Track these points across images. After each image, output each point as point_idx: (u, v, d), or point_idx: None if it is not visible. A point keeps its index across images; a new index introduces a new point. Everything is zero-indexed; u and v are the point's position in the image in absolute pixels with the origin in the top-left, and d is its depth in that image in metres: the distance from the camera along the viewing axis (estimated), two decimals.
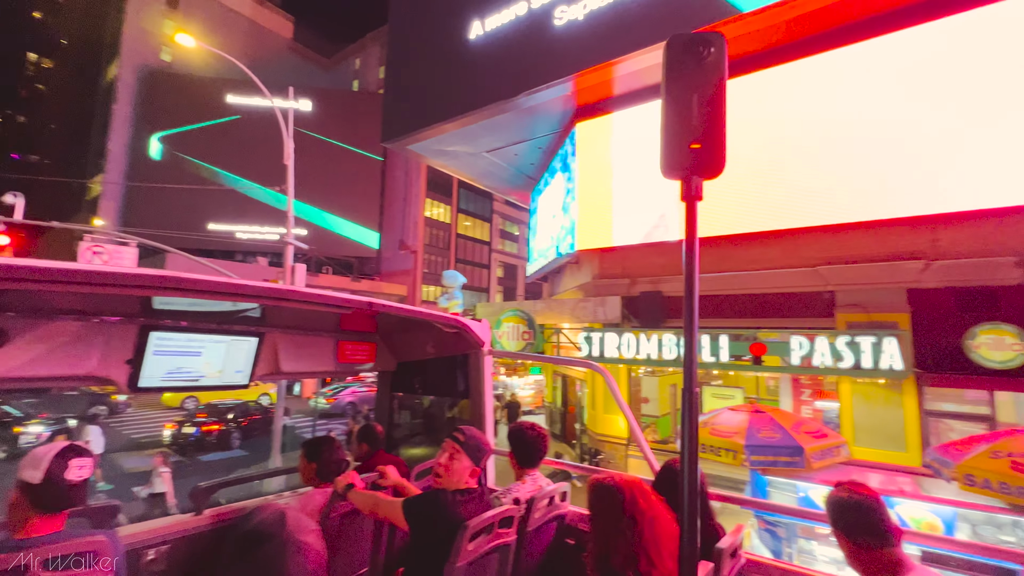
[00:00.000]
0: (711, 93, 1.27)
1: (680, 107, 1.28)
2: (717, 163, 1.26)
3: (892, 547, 1.72)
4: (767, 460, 4.94)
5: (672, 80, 1.30)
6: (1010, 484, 3.92)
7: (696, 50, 1.29)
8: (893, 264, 7.32)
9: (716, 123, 1.26)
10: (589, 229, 10.57)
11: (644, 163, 9.82)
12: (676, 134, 1.28)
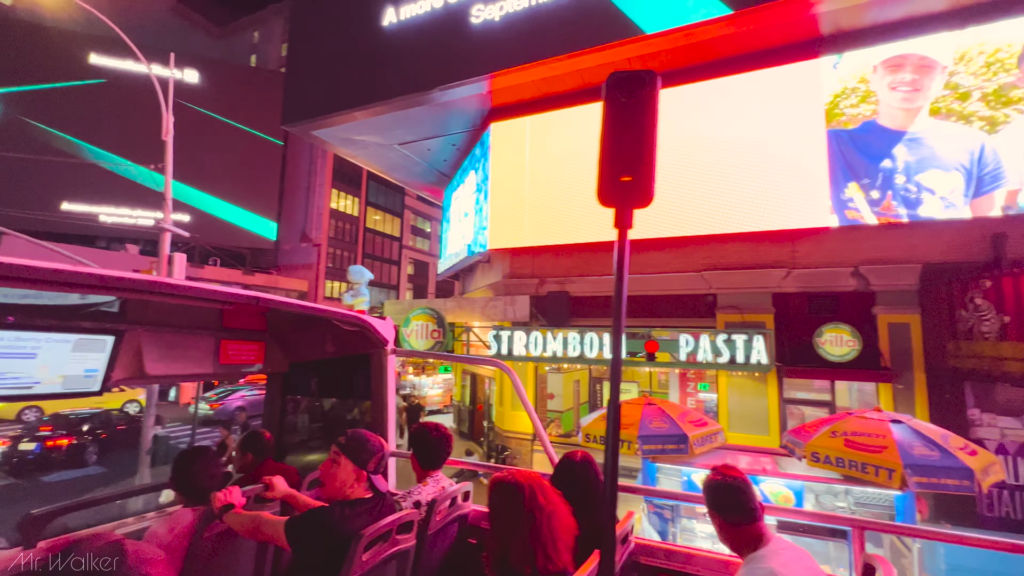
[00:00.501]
0: (643, 128, 1.34)
1: (613, 141, 1.35)
2: (646, 194, 1.34)
3: (756, 522, 1.94)
4: (657, 449, 5.37)
5: (607, 114, 1.37)
6: (844, 459, 4.66)
7: (630, 87, 1.35)
8: (763, 271, 8.35)
9: (647, 157, 1.33)
10: (501, 229, 10.70)
11: (557, 167, 10.17)
12: (609, 166, 1.35)
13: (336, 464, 1.85)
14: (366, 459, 1.90)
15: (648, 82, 1.35)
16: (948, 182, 7.34)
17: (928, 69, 7.63)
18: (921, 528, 2.13)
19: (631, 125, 1.35)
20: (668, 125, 9.22)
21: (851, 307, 7.90)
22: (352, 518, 1.73)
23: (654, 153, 1.34)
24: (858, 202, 7.77)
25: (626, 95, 1.35)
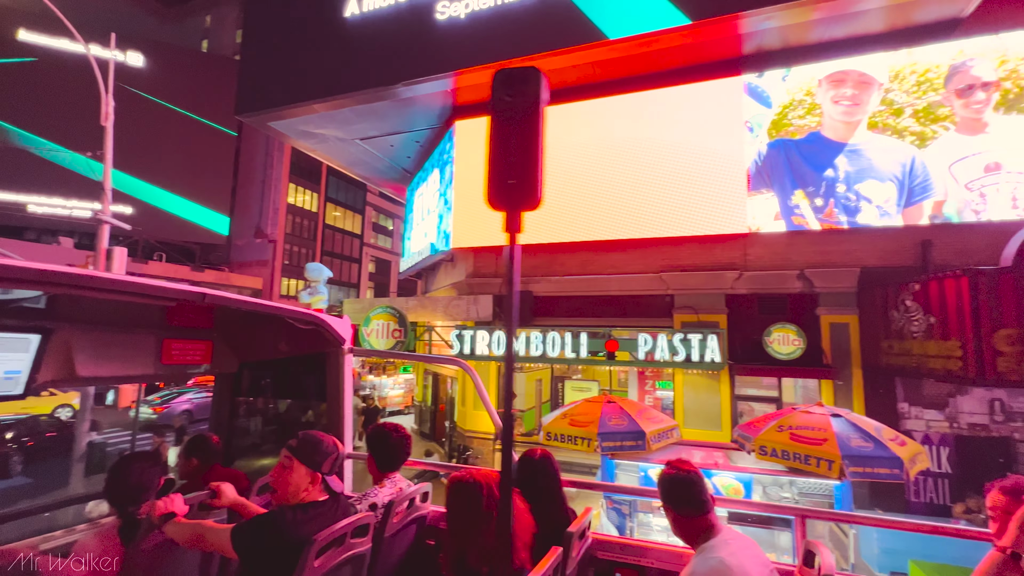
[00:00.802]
0: (529, 129, 1.29)
1: (499, 142, 1.30)
2: (532, 198, 1.30)
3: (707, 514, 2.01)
4: (616, 445, 5.48)
5: (493, 115, 1.31)
6: (789, 451, 4.92)
7: (515, 86, 1.30)
8: (716, 273, 8.69)
9: (532, 159, 1.29)
10: (465, 228, 10.64)
11: None
12: (496, 168, 1.30)
13: (288, 468, 1.78)
14: (320, 461, 1.84)
15: (533, 80, 1.30)
16: (883, 192, 7.89)
17: (867, 85, 8.17)
18: (856, 514, 2.28)
19: (517, 126, 1.31)
20: (624, 128, 9.46)
21: (797, 308, 8.34)
22: (305, 522, 1.67)
23: (540, 155, 1.30)
24: (804, 209, 8.23)
25: (511, 94, 1.30)
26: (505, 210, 1.33)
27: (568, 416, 5.93)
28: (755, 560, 1.89)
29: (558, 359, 9.02)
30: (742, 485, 5.39)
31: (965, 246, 7.47)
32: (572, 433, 5.73)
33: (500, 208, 1.33)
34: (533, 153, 1.29)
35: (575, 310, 9.77)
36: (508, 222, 1.33)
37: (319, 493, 1.83)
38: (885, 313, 7.17)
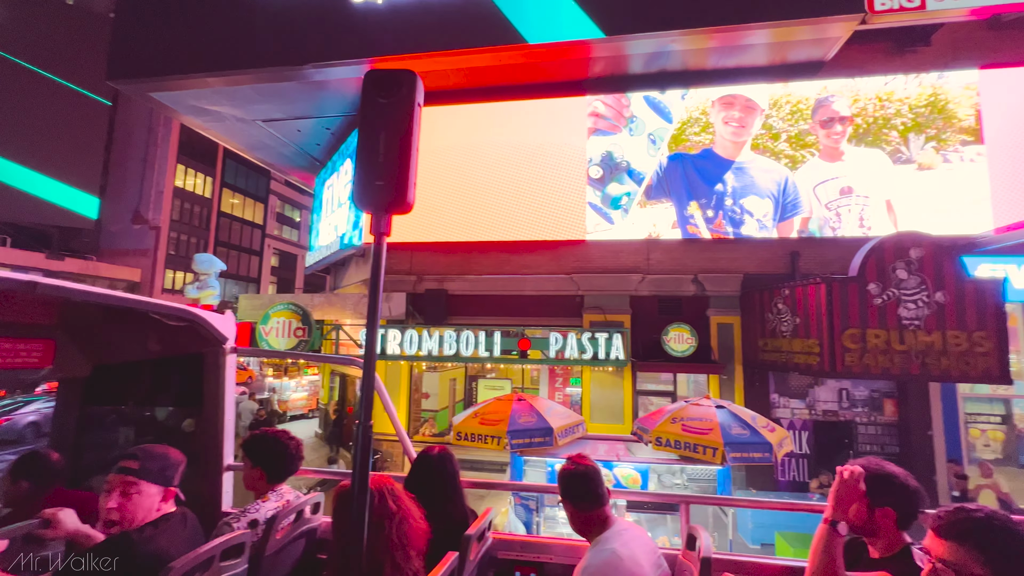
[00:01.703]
0: (400, 131, 1.26)
1: (368, 143, 1.27)
2: (402, 200, 1.26)
3: (602, 506, 2.08)
4: (524, 442, 5.58)
5: (363, 115, 1.29)
6: (681, 441, 5.34)
7: (388, 88, 1.27)
8: (622, 276, 9.21)
9: (403, 161, 1.26)
10: None
11: (439, 163, 10.03)
12: (363, 169, 1.28)
13: (131, 497, 1.54)
14: (172, 475, 1.63)
15: (408, 83, 1.28)
16: (762, 207, 8.89)
17: (751, 110, 9.15)
18: (730, 498, 2.51)
19: (388, 127, 1.27)
20: (522, 133, 9.71)
21: (691, 309, 9.11)
22: (157, 537, 1.47)
23: (411, 157, 1.28)
24: (697, 219, 9.02)
25: (384, 95, 1.28)
26: (371, 212, 1.27)
27: (479, 415, 5.92)
28: (645, 548, 2.00)
29: (472, 358, 8.99)
30: (640, 474, 5.75)
31: (825, 258, 8.65)
32: (482, 432, 5.73)
33: (366, 209, 1.28)
34: (404, 156, 1.25)
35: (490, 309, 9.82)
36: (374, 223, 1.28)
37: (169, 507, 1.62)
38: (762, 315, 8.07)
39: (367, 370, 1.19)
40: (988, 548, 1.20)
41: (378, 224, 1.27)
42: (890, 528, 1.83)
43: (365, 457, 1.13)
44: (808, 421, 8.55)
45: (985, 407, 8.71)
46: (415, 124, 1.27)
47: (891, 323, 6.26)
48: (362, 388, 1.20)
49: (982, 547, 1.20)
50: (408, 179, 1.26)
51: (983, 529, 1.23)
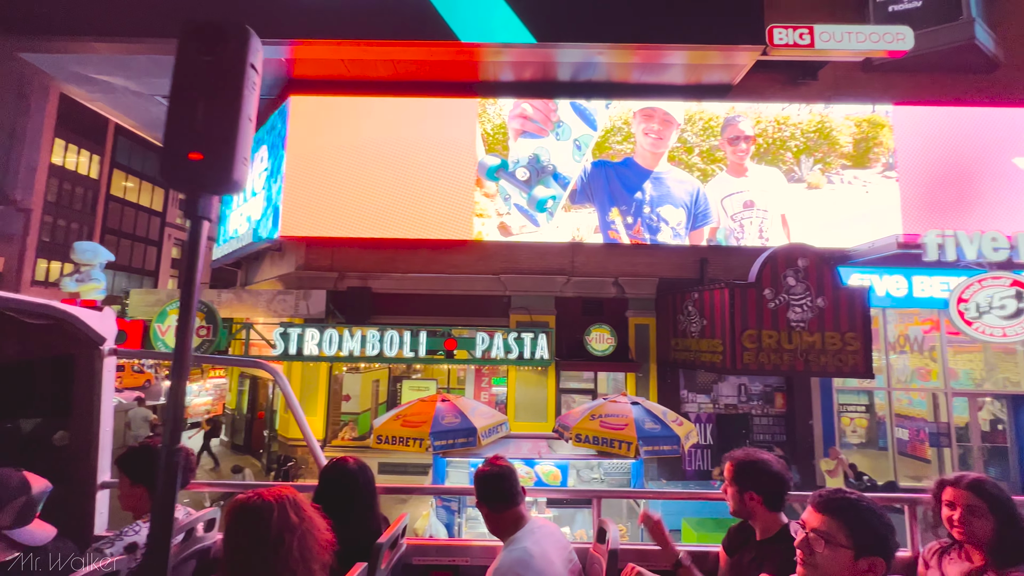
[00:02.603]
0: (226, 96, 1.07)
1: (182, 109, 1.07)
2: (227, 179, 1.07)
3: (517, 506, 2.10)
4: (448, 444, 5.53)
5: (177, 74, 1.09)
6: (599, 437, 5.58)
7: (210, 43, 1.08)
8: (548, 277, 9.45)
9: (229, 132, 1.06)
10: (297, 215, 9.62)
11: (365, 156, 9.66)
12: (175, 140, 1.06)
13: None
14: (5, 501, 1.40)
15: (237, 40, 1.09)
16: (677, 216, 9.54)
17: (669, 124, 9.78)
18: (639, 490, 2.66)
19: (209, 91, 1.08)
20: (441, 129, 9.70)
21: (611, 311, 9.55)
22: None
23: (239, 128, 1.08)
24: (618, 225, 9.48)
25: (207, 51, 1.08)
26: (185, 191, 1.07)
27: (401, 417, 5.77)
28: (557, 545, 2.05)
29: (396, 358, 8.75)
30: (560, 470, 5.92)
31: (729, 265, 9.46)
32: (404, 434, 5.59)
33: (178, 188, 1.08)
34: (230, 126, 1.05)
35: (416, 308, 9.62)
36: (188, 206, 1.07)
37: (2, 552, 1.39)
38: (674, 316, 8.66)
39: (176, 379, 0.99)
40: (854, 522, 1.39)
41: (194, 206, 1.06)
42: (761, 510, 2.05)
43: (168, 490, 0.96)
44: (712, 414, 9.31)
45: (853, 398, 10.00)
46: (246, 89, 1.07)
47: (782, 325, 6.99)
48: (168, 401, 1.01)
49: (849, 521, 1.40)
50: (235, 154, 1.06)
51: (852, 507, 1.42)
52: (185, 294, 1.00)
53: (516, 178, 9.66)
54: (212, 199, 1.07)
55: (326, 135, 9.79)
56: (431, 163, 9.75)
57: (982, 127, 9.88)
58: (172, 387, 0.94)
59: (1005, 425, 9.93)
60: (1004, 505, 1.83)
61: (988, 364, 9.76)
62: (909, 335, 9.88)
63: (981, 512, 1.85)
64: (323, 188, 9.66)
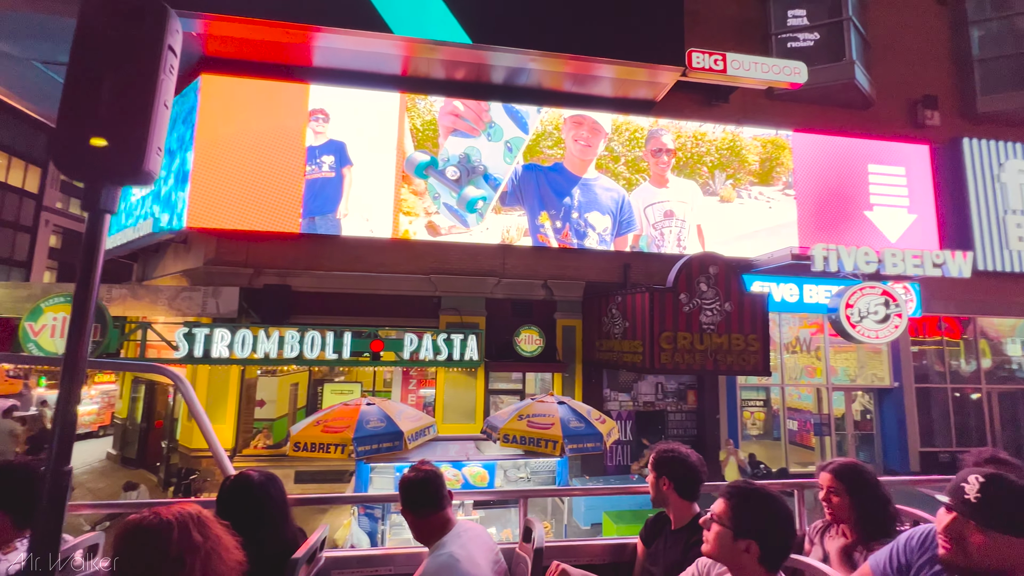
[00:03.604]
0: (139, 79, 0.99)
1: (83, 86, 0.97)
2: (138, 169, 0.98)
3: (442, 510, 2.08)
4: (372, 448, 5.34)
5: (80, 47, 0.98)
6: (526, 437, 5.67)
7: (123, 18, 0.99)
8: (479, 278, 9.45)
9: (142, 118, 0.98)
10: (208, 204, 8.81)
11: (286, 144, 9.08)
12: (73, 121, 0.96)
13: None
14: None
15: (153, 17, 1.01)
16: (603, 222, 9.96)
17: (598, 132, 10.19)
18: (562, 488, 2.74)
19: (119, 71, 0.98)
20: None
21: (541, 312, 9.75)
22: None
23: (153, 114, 1.00)
24: (547, 229, 9.71)
25: (118, 26, 0.99)
26: (84, 180, 0.97)
27: (321, 422, 5.49)
28: (483, 548, 2.05)
29: (317, 360, 8.31)
30: (487, 471, 5.94)
31: (650, 270, 10.03)
32: (325, 440, 5.32)
33: (75, 175, 0.98)
34: (144, 112, 0.96)
35: (340, 308, 9.18)
36: (88, 197, 0.97)
37: None
38: (599, 318, 9.03)
39: (67, 388, 0.88)
40: (737, 507, 1.58)
41: (96, 197, 0.97)
42: (674, 497, 2.22)
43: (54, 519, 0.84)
44: (632, 411, 9.83)
45: (753, 394, 11.04)
46: (163, 73, 0.98)
47: (695, 327, 7.54)
48: (56, 413, 0.90)
49: (734, 506, 1.59)
50: (148, 143, 0.97)
51: (740, 494, 1.61)
52: (81, 294, 0.88)
53: (446, 176, 9.55)
54: (116, 190, 0.98)
55: (244, 119, 9.07)
56: (357, 157, 9.38)
57: (859, 155, 11.34)
58: (62, 397, 0.83)
59: (872, 415, 11.46)
60: (863, 486, 2.11)
61: (860, 362, 11.21)
62: (800, 337, 11.09)
63: (841, 492, 2.14)
64: (239, 176, 8.94)
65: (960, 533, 1.40)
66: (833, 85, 10.85)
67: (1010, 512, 1.34)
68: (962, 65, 12.25)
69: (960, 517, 1.40)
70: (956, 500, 1.42)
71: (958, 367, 11.55)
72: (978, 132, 11.88)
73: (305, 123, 9.26)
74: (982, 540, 1.36)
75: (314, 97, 9.36)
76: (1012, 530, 1.33)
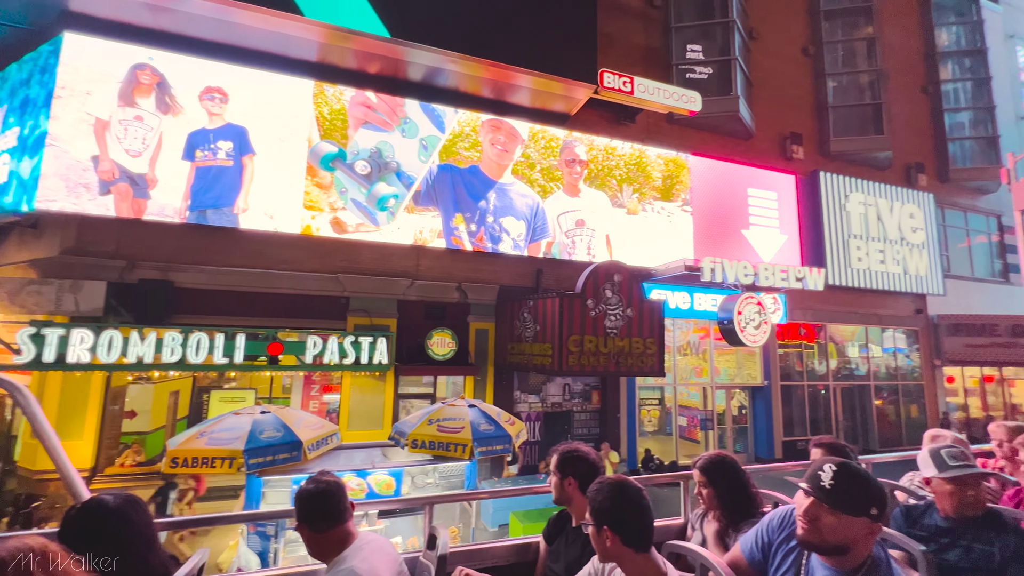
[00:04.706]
0: None
1: None
2: None
3: (344, 523, 1.98)
4: (267, 461, 4.92)
5: None
6: (436, 441, 5.60)
7: None
8: (392, 279, 9.16)
9: None
10: (65, 182, 7.55)
11: (175, 120, 8.09)
12: None
13: None
14: None
15: None
16: (518, 228, 10.17)
17: (515, 138, 10.40)
18: (468, 492, 2.75)
19: None
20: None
21: (454, 315, 9.70)
22: None
23: None
24: (461, 231, 9.70)
25: None
26: None
27: (206, 434, 4.95)
28: (386, 559, 1.99)
29: (204, 365, 7.50)
30: (394, 479, 5.77)
31: (561, 276, 10.43)
32: (210, 454, 4.81)
33: None
34: None
35: (234, 307, 8.37)
36: None
37: None
38: (511, 322, 9.20)
39: None
40: (593, 501, 1.76)
41: None
42: (578, 495, 2.33)
43: None
44: (540, 412, 10.13)
45: (650, 393, 11.95)
46: None
47: (600, 331, 7.98)
48: None
49: (591, 500, 1.76)
50: None
51: (596, 489, 1.79)
52: None
53: (355, 171, 9.12)
54: None
55: (129, 91, 7.93)
56: (263, 146, 8.65)
57: (742, 179, 12.79)
58: None
59: (747, 410, 12.94)
60: (722, 477, 2.41)
61: (739, 363, 12.62)
62: (690, 341, 12.20)
63: (707, 485, 2.43)
64: (123, 152, 7.78)
65: (815, 515, 1.63)
66: (722, 116, 12.14)
67: (853, 495, 1.58)
68: (820, 110, 14.37)
69: (816, 501, 1.63)
70: (813, 486, 1.66)
71: (813, 367, 13.47)
72: (831, 168, 14.00)
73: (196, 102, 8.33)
74: (832, 520, 1.59)
75: (209, 73, 8.47)
76: (853, 511, 1.57)
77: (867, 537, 1.59)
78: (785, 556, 1.85)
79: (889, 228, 14.17)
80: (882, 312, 14.15)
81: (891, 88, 14.90)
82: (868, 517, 1.57)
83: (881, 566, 1.59)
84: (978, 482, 2.19)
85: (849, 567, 1.61)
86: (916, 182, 15.18)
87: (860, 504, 1.57)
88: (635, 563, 1.67)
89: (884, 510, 1.61)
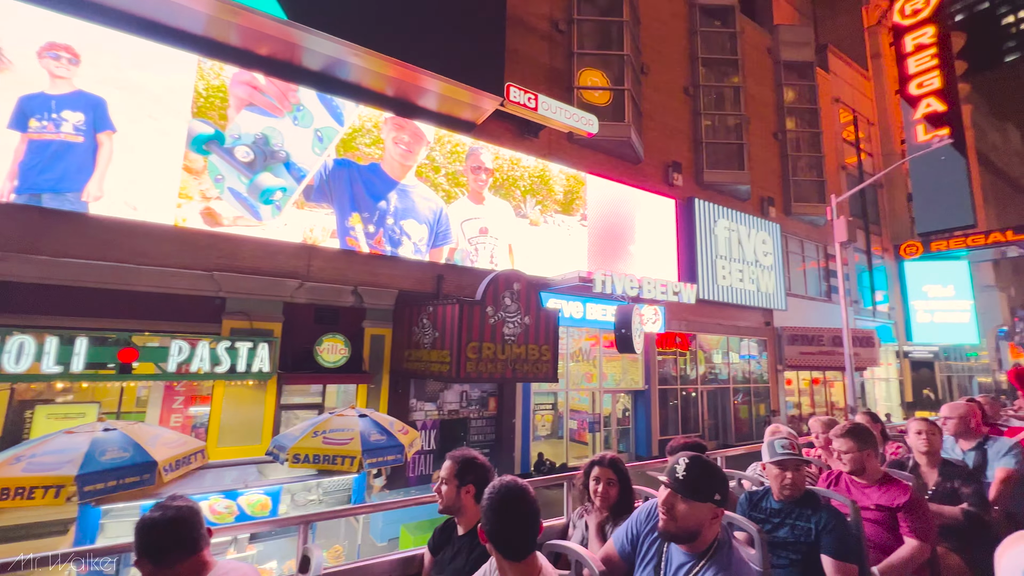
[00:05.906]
0: None
1: None
2: None
3: (199, 552, 1.76)
4: (108, 487, 4.19)
5: None
6: (320, 455, 5.22)
7: None
8: (278, 280, 8.43)
9: None
10: None
11: (15, 76, 6.66)
12: None
13: None
14: None
15: None
16: (419, 232, 9.99)
17: (419, 139, 10.23)
18: (350, 507, 2.61)
19: None
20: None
21: (348, 320, 9.20)
22: None
23: None
24: (358, 232, 9.27)
25: None
26: None
27: (24, 459, 4.09)
28: None
29: (27, 375, 6.23)
30: (270, 498, 5.27)
31: (462, 283, 10.43)
32: (29, 482, 3.98)
33: None
34: None
35: (75, 307, 7.07)
36: None
37: None
38: (410, 328, 8.97)
39: None
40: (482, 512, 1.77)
41: None
42: (471, 504, 2.32)
43: None
44: (436, 420, 9.98)
45: (544, 398, 12.40)
46: None
47: (498, 338, 8.10)
48: None
49: (483, 515, 1.76)
50: None
51: (486, 501, 1.79)
52: None
53: (235, 157, 8.27)
54: None
55: None
56: (125, 123, 7.49)
57: (631, 200, 13.94)
58: None
59: (630, 412, 14.01)
60: (626, 476, 2.62)
61: (624, 369, 13.63)
62: (581, 348, 12.91)
63: (613, 483, 2.60)
64: None
65: (672, 504, 1.81)
66: (615, 140, 13.14)
67: (700, 483, 1.79)
68: (697, 143, 16.24)
69: (672, 491, 1.82)
70: (671, 478, 1.84)
71: (686, 372, 15.02)
72: (704, 195, 15.87)
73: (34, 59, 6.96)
74: (684, 508, 1.78)
75: (55, 27, 7.13)
76: (700, 496, 1.78)
77: (713, 521, 1.81)
78: (650, 546, 2.03)
79: (747, 251, 16.41)
80: (740, 323, 16.28)
81: (751, 131, 17.37)
82: (712, 502, 1.79)
83: (724, 547, 1.82)
84: (798, 466, 2.60)
85: (699, 550, 1.81)
86: (768, 213, 17.80)
87: (706, 490, 1.79)
88: (516, 570, 1.71)
89: (727, 495, 1.84)
